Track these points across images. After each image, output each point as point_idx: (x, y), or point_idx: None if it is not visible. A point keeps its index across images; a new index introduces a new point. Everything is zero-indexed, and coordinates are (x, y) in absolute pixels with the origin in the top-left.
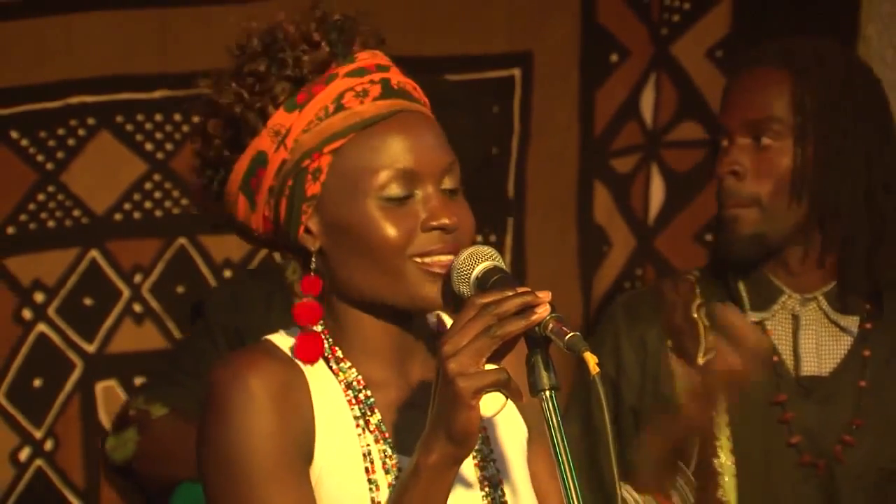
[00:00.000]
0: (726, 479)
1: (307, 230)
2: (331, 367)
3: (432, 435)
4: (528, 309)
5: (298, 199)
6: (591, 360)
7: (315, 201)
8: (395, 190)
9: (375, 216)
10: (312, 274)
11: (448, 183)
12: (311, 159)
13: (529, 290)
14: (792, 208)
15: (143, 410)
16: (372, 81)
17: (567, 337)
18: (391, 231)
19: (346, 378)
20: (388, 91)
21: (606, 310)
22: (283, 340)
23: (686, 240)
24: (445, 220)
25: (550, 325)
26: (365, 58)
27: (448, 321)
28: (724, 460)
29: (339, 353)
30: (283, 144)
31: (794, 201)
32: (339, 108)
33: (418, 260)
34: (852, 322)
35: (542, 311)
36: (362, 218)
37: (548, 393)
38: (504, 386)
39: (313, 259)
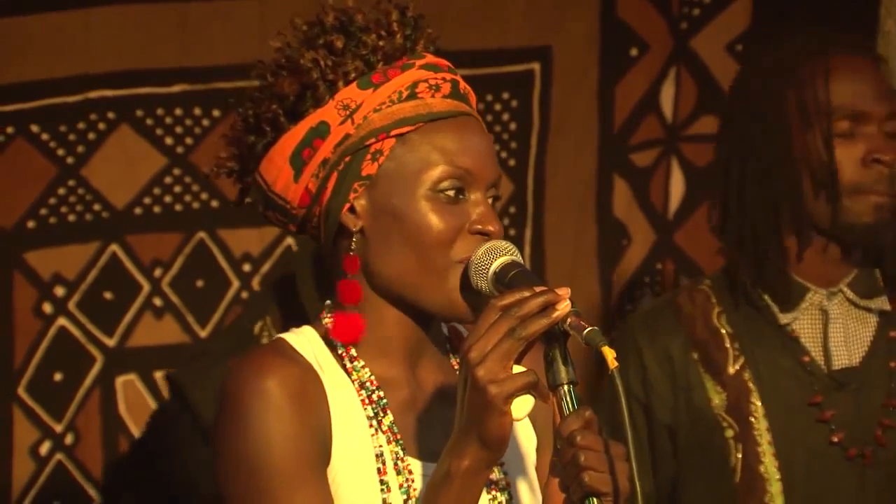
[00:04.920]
0: (772, 484)
1: (352, 209)
2: (344, 367)
3: (463, 440)
4: (548, 307)
5: (352, 176)
6: (610, 354)
7: (368, 182)
8: (450, 186)
9: (426, 208)
10: (352, 253)
11: (493, 193)
12: (377, 139)
13: (547, 287)
14: None
15: None
16: (444, 79)
17: (585, 331)
18: (439, 225)
19: (359, 378)
20: (456, 92)
21: (621, 326)
22: (296, 340)
23: (706, 234)
24: (491, 227)
25: (569, 320)
26: (433, 57)
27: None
28: (769, 466)
29: (353, 352)
30: (351, 119)
31: None
32: (413, 95)
33: (455, 263)
34: (882, 303)
35: (563, 308)
36: (413, 207)
37: (566, 387)
38: (534, 388)
39: (353, 240)
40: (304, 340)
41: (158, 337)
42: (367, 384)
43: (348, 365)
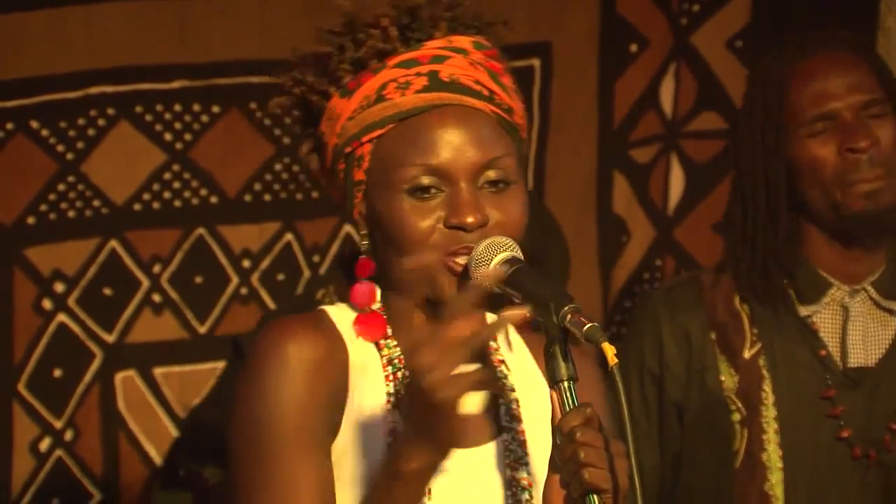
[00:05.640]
0: (773, 473)
1: (360, 213)
2: (377, 343)
3: (411, 443)
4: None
5: (349, 183)
6: (610, 350)
7: (362, 187)
8: (420, 185)
9: (401, 209)
10: (363, 256)
11: (493, 175)
12: (353, 147)
13: (546, 282)
14: None
15: (194, 472)
16: (418, 74)
17: (585, 328)
18: (412, 226)
19: (389, 354)
20: (434, 84)
21: (643, 297)
22: (337, 312)
23: (706, 230)
24: (466, 219)
25: (569, 316)
26: (432, 46)
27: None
28: (772, 454)
29: (389, 331)
30: (334, 130)
31: None
32: (380, 98)
33: (442, 257)
34: None
35: (512, 314)
36: (390, 209)
37: (566, 384)
38: (486, 384)
39: (365, 242)
40: (344, 315)
41: (157, 333)
42: (395, 361)
43: (381, 341)
